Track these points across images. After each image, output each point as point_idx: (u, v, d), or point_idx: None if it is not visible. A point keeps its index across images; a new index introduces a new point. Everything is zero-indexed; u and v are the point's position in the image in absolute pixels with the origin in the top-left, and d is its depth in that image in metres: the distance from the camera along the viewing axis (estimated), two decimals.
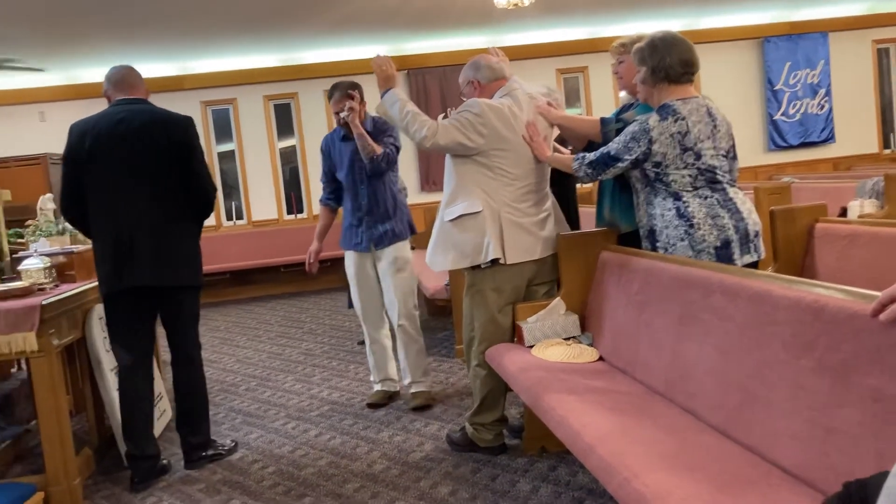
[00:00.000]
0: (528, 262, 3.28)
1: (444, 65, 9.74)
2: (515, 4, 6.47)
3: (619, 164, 2.90)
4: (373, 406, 4.28)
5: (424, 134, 3.16)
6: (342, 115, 4.06)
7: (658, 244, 2.90)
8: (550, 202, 3.42)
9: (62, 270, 3.65)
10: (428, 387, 4.28)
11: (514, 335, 3.34)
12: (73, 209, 3.44)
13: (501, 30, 9.30)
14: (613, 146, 2.91)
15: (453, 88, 9.58)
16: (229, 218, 9.77)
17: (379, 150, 4.01)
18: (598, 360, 3.05)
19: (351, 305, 5.98)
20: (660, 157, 2.81)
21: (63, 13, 6.85)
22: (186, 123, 3.47)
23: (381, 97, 3.34)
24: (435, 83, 9.80)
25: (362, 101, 4.14)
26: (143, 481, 3.43)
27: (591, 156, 3.00)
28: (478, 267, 3.26)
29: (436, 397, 4.29)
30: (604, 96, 10.25)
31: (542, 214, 3.33)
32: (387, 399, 4.33)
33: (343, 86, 4.11)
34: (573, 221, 3.76)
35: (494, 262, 3.21)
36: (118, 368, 3.51)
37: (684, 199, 2.82)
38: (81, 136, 3.36)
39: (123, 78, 3.50)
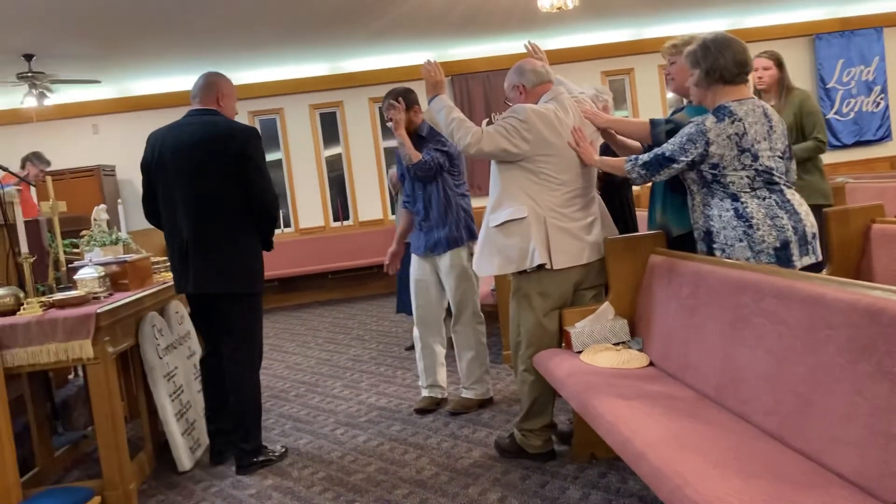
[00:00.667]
0: (575, 268, 3.25)
1: (487, 70, 9.74)
2: (559, 7, 6.43)
3: (675, 166, 2.86)
4: (420, 412, 4.28)
5: (469, 140, 3.17)
6: (388, 123, 4.13)
7: (715, 245, 2.85)
8: (597, 206, 3.39)
9: (116, 279, 3.74)
10: (477, 395, 4.26)
11: (562, 340, 3.31)
12: (151, 215, 3.71)
13: (545, 33, 9.26)
14: (668, 147, 2.88)
15: (497, 93, 9.58)
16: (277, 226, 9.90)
17: (416, 157, 4.02)
18: (647, 365, 3.01)
19: (399, 310, 6.03)
20: (717, 158, 2.77)
21: (116, 28, 7.02)
22: (246, 134, 3.53)
23: (429, 103, 3.37)
24: (479, 88, 9.80)
25: (411, 108, 4.14)
26: (223, 454, 3.74)
27: (644, 157, 2.97)
28: (524, 272, 3.25)
29: (475, 406, 4.25)
30: (650, 98, 10.14)
31: (588, 219, 3.30)
32: (434, 405, 4.33)
33: (391, 94, 4.15)
34: (630, 226, 3.75)
35: (540, 267, 3.19)
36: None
37: (742, 199, 2.78)
38: (153, 146, 3.56)
39: (196, 88, 3.61)
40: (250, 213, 3.54)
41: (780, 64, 4.42)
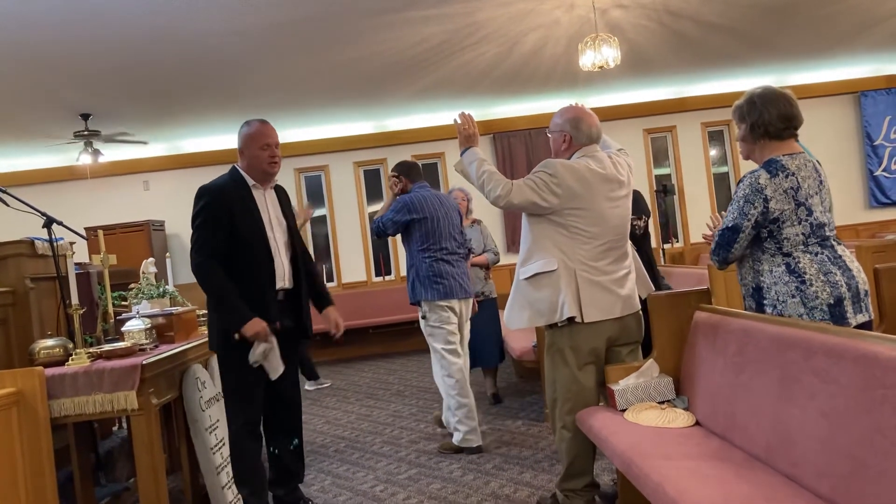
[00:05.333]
0: (608, 322, 3.20)
1: (529, 127, 9.82)
2: (601, 66, 6.50)
3: (742, 234, 2.77)
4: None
5: (498, 193, 3.18)
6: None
7: (766, 301, 2.79)
8: (630, 259, 3.36)
9: (162, 331, 3.79)
10: (457, 441, 4.61)
11: (600, 396, 3.26)
12: None
13: (587, 91, 9.34)
14: (729, 218, 2.80)
15: (539, 150, 9.64)
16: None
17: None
18: (693, 424, 2.93)
19: None
20: (777, 213, 2.71)
21: (167, 88, 7.27)
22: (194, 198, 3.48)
23: (461, 155, 3.40)
24: (520, 146, 9.86)
25: (400, 180, 4.78)
26: None
27: (713, 244, 2.90)
28: (556, 326, 3.22)
29: (452, 449, 4.62)
30: (693, 155, 10.11)
31: (621, 272, 3.26)
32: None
33: (395, 167, 4.90)
34: (653, 281, 3.73)
35: (571, 320, 3.16)
36: None
37: (794, 255, 2.73)
38: None
39: None
40: None
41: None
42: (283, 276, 3.47)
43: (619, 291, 3.23)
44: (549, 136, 3.42)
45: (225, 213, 3.37)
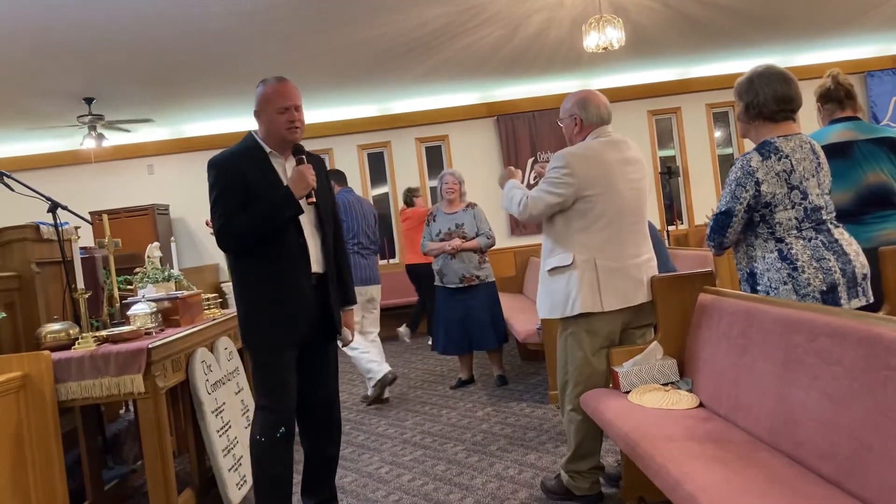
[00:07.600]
0: (626, 308, 3.22)
1: (532, 109, 9.79)
2: (605, 47, 6.46)
3: (735, 218, 2.77)
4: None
5: (519, 210, 3.31)
6: None
7: (759, 287, 2.79)
8: (650, 244, 3.36)
9: (167, 315, 3.80)
10: (369, 395, 5.81)
11: (610, 380, 3.27)
12: None
13: (591, 73, 9.30)
14: (722, 202, 2.80)
15: (542, 132, 9.62)
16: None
17: None
18: (697, 406, 2.94)
19: (434, 348, 6.09)
20: (769, 197, 2.70)
21: (170, 72, 7.25)
22: None
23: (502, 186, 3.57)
24: (524, 128, 9.84)
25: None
26: None
27: (708, 228, 2.92)
28: None
29: (371, 400, 5.80)
30: (697, 137, 10.07)
31: (643, 256, 3.27)
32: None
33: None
34: None
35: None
36: None
37: (787, 241, 2.71)
38: None
39: None
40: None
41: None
42: (315, 259, 3.09)
43: (642, 278, 3.24)
44: (561, 124, 3.41)
45: (239, 180, 2.99)
